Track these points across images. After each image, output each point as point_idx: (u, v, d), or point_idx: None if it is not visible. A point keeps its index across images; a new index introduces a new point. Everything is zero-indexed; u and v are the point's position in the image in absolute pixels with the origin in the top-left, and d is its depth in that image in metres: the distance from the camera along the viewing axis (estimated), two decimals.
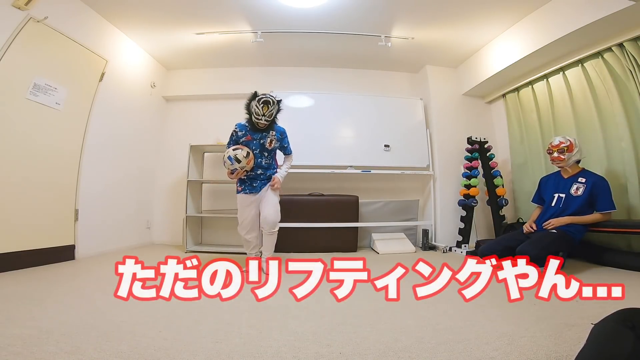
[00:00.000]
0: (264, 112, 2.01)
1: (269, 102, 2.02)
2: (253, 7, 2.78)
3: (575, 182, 2.28)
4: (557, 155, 2.32)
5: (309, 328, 1.17)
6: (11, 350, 0.94)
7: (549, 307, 1.40)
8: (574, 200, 2.25)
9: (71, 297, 1.54)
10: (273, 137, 2.17)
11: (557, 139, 2.35)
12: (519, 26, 2.93)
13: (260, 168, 2.19)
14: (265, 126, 2.09)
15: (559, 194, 2.35)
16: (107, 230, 3.02)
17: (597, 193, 2.18)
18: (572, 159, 2.30)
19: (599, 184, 2.20)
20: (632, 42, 2.32)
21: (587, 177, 2.26)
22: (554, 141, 2.36)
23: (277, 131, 2.20)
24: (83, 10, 2.65)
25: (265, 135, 2.15)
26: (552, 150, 2.35)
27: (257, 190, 2.19)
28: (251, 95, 2.07)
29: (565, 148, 2.29)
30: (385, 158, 3.50)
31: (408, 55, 3.62)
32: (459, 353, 0.96)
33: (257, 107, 2.01)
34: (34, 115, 2.27)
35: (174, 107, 4.04)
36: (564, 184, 2.34)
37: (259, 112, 2.01)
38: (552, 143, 2.38)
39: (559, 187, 2.37)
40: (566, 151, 2.28)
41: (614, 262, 2.27)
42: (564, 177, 2.39)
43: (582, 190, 2.23)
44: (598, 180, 2.22)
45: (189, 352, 0.96)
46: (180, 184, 3.68)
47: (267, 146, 2.16)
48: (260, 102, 2.01)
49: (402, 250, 3.19)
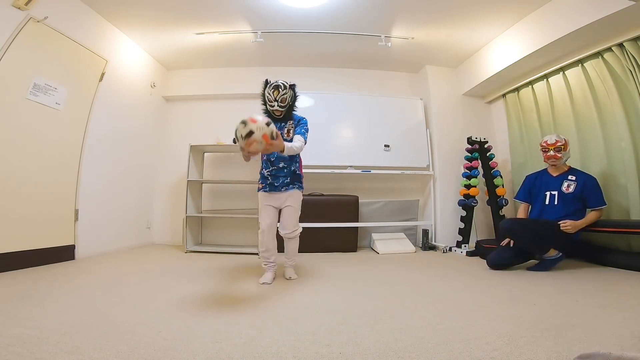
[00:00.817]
0: (275, 97, 1.95)
1: (279, 86, 1.95)
2: (253, 7, 2.78)
3: (566, 179, 2.34)
4: (554, 153, 2.35)
5: (309, 328, 1.17)
6: (11, 350, 0.94)
7: (549, 307, 1.40)
8: (568, 197, 2.29)
9: (71, 297, 1.53)
10: (291, 126, 2.04)
11: (552, 137, 2.38)
12: (519, 26, 2.93)
13: (282, 161, 2.00)
14: (282, 114, 1.99)
15: (551, 192, 2.38)
16: (107, 230, 3.02)
17: (589, 191, 2.25)
18: (565, 158, 2.37)
19: (590, 183, 2.27)
20: (632, 42, 2.32)
21: (576, 175, 2.34)
22: (550, 139, 2.38)
23: (295, 119, 2.06)
24: (83, 10, 2.65)
25: (283, 126, 2.03)
26: (549, 148, 2.37)
27: (278, 189, 1.99)
28: (264, 84, 2.02)
29: (562, 147, 2.34)
30: (385, 158, 3.50)
31: (408, 55, 3.62)
32: (459, 353, 0.96)
33: (269, 93, 1.97)
34: (34, 115, 2.27)
35: (174, 107, 4.04)
36: (554, 182, 2.39)
37: (271, 97, 1.96)
38: (547, 141, 2.40)
39: (549, 185, 2.41)
40: (562, 150, 2.34)
41: (614, 262, 2.27)
42: (552, 175, 2.43)
43: (574, 187, 2.29)
44: (588, 179, 2.29)
45: (189, 352, 0.96)
46: (180, 184, 3.68)
47: (285, 136, 1.98)
48: (271, 87, 1.97)
49: (402, 250, 3.19)
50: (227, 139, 3.64)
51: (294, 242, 2.09)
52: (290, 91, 1.98)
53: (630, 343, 1.00)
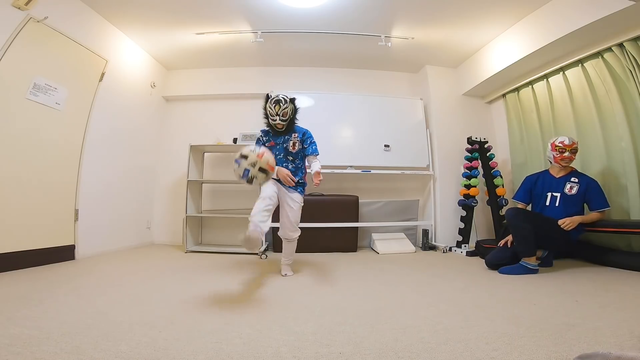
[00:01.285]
0: (277, 112, 1.99)
1: (280, 100, 2.00)
2: (253, 7, 2.78)
3: (569, 181, 2.33)
4: (570, 154, 2.32)
5: (309, 328, 1.17)
6: (11, 350, 0.94)
7: (549, 307, 1.40)
8: (570, 198, 2.28)
9: (71, 297, 1.53)
10: (296, 139, 2.09)
11: (568, 139, 2.34)
12: (519, 26, 2.93)
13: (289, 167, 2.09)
14: (284, 127, 2.04)
15: (553, 193, 2.37)
16: (107, 230, 3.02)
17: (591, 193, 2.24)
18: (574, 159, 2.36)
19: (592, 185, 2.27)
20: (632, 42, 2.32)
21: (579, 178, 2.33)
22: (566, 140, 2.34)
23: (299, 132, 2.12)
24: (83, 11, 2.65)
25: (287, 139, 2.09)
26: (565, 149, 2.33)
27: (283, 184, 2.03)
28: (265, 98, 2.06)
29: (576, 149, 2.34)
30: (385, 158, 3.50)
31: (408, 55, 3.62)
32: (459, 353, 0.96)
33: (271, 107, 2.00)
34: (34, 115, 2.27)
35: (174, 107, 4.04)
36: (557, 183, 2.37)
37: (273, 112, 2.00)
38: (563, 142, 2.34)
39: (551, 187, 2.39)
40: (576, 152, 2.34)
41: (613, 262, 2.27)
42: (555, 176, 2.41)
43: (576, 189, 2.29)
44: (591, 182, 2.29)
45: (189, 352, 0.96)
46: (180, 184, 3.68)
47: (290, 149, 2.08)
48: (272, 102, 2.01)
49: (402, 250, 3.19)
50: (227, 139, 3.66)
51: (292, 245, 2.16)
52: (290, 105, 2.04)
53: (630, 343, 1.00)
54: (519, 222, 2.16)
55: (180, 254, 3.05)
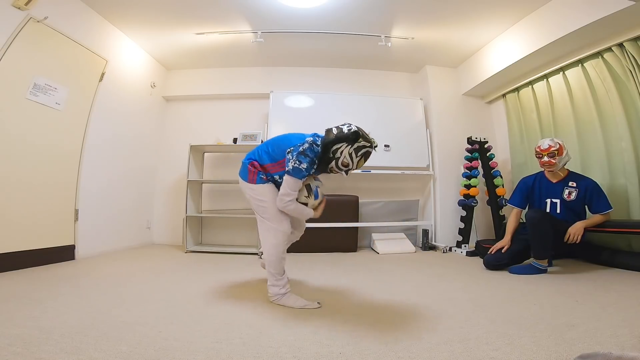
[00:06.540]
0: (358, 166, 1.42)
1: (369, 154, 1.42)
2: (253, 7, 2.78)
3: (567, 186, 2.26)
4: (548, 159, 2.23)
5: (309, 328, 1.17)
6: (11, 350, 0.94)
7: (549, 307, 1.40)
8: (571, 204, 2.24)
9: (71, 297, 1.53)
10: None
11: (546, 142, 2.26)
12: (519, 26, 2.93)
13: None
14: None
15: (552, 200, 2.30)
16: (107, 230, 3.02)
17: (592, 196, 2.18)
18: (561, 163, 2.25)
19: (592, 188, 2.19)
20: (632, 42, 2.32)
21: (577, 181, 2.25)
22: (543, 144, 2.26)
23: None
24: (83, 11, 2.65)
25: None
26: (542, 154, 2.26)
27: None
28: (347, 135, 1.38)
29: (556, 152, 2.22)
30: (385, 158, 3.50)
31: (408, 55, 3.62)
32: (459, 353, 0.96)
33: (351, 157, 1.39)
34: (34, 115, 2.27)
35: (174, 107, 4.04)
36: (555, 189, 2.30)
37: (353, 163, 1.40)
38: (540, 146, 2.28)
39: (550, 193, 2.32)
40: (557, 155, 2.22)
41: (614, 262, 2.27)
42: (552, 181, 2.33)
43: (575, 194, 2.23)
44: (590, 184, 2.21)
45: (189, 352, 0.96)
46: (180, 184, 3.69)
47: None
48: (362, 152, 1.39)
49: (402, 250, 3.19)
50: (227, 139, 3.66)
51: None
52: None
53: (630, 343, 1.00)
54: (547, 227, 2.05)
55: (180, 254, 3.05)
